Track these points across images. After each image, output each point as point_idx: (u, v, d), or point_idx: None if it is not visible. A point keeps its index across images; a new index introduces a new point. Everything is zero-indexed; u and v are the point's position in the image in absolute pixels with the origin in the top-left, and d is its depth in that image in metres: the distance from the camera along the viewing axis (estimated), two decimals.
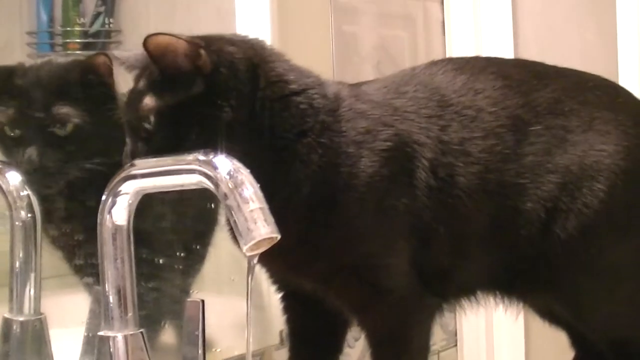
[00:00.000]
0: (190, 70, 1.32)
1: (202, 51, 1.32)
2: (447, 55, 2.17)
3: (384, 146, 1.39)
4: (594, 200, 1.45)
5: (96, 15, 1.76)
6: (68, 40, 1.76)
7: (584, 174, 1.46)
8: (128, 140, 1.37)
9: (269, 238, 1.13)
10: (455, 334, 2.21)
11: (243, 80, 1.34)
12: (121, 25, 1.79)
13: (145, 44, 1.31)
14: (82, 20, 1.80)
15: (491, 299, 1.57)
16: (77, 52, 1.77)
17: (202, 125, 1.32)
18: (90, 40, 1.77)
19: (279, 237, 1.13)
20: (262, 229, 1.13)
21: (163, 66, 1.33)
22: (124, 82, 1.44)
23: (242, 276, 1.82)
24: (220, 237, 1.77)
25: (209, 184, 1.16)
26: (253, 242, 1.13)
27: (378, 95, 1.45)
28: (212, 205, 1.70)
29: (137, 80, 1.38)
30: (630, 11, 1.90)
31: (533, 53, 1.66)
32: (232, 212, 1.14)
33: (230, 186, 1.14)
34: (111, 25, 1.80)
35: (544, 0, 2.14)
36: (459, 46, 2.15)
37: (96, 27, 1.76)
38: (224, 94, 1.32)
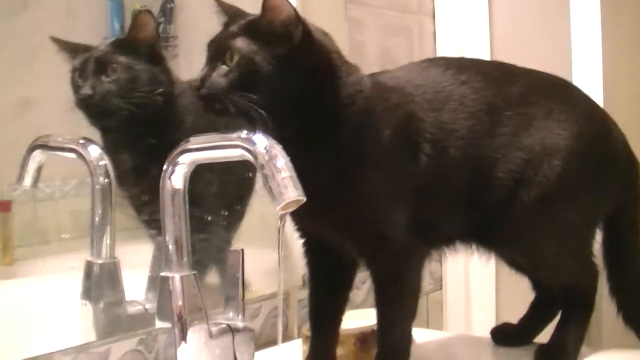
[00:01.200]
0: (283, 33, 1.28)
1: (301, 25, 1.29)
2: None
3: (399, 122, 1.39)
4: (552, 173, 1.44)
5: (157, 25, 1.75)
6: None
7: (545, 152, 1.45)
8: (204, 68, 1.32)
9: (296, 200, 1.13)
10: (441, 280, 2.20)
11: (318, 63, 1.32)
12: (177, 32, 1.77)
13: None
14: None
15: (467, 249, 1.56)
16: None
17: (269, 82, 1.28)
18: None
19: (304, 199, 1.13)
20: (292, 192, 1.13)
21: (267, 19, 1.28)
22: None
23: (269, 231, 1.83)
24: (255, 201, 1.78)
25: (249, 157, 1.16)
26: (284, 203, 1.13)
27: (391, 83, 1.44)
28: (250, 174, 1.70)
29: (228, 23, 1.34)
30: (580, 23, 1.90)
31: (504, 57, 1.64)
32: (268, 179, 1.13)
33: (266, 158, 1.14)
34: (169, 32, 1.78)
35: (514, 17, 2.13)
36: (446, 52, 2.14)
37: None
38: (299, 65, 1.29)
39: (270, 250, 1.35)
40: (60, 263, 1.53)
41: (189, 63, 1.79)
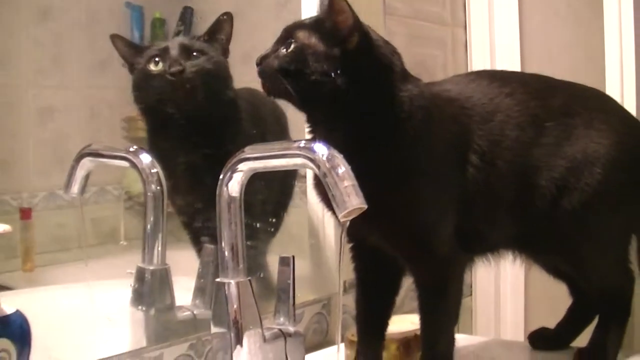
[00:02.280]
0: (340, 36, 1.31)
1: (356, 32, 1.32)
2: (469, 70, 2.18)
3: (453, 134, 1.42)
4: (593, 181, 1.46)
5: (177, 33, 1.76)
6: None
7: (586, 160, 1.47)
8: (270, 48, 1.38)
9: (359, 207, 1.15)
10: (471, 286, 2.21)
11: (374, 72, 1.35)
12: None
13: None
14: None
15: (509, 255, 1.58)
16: None
17: (313, 77, 1.31)
18: None
19: (366, 207, 1.15)
20: (354, 200, 1.14)
21: (329, 19, 1.32)
22: None
23: (292, 238, 1.85)
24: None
25: (311, 165, 1.17)
26: (347, 210, 1.14)
27: (445, 95, 1.46)
28: (293, 182, 1.72)
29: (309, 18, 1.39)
30: (613, 33, 1.91)
31: (536, 68, 1.67)
32: (330, 187, 1.15)
33: (328, 166, 1.15)
34: None
35: (544, 28, 2.14)
36: (478, 62, 2.16)
37: None
38: (351, 70, 1.31)
39: (297, 259, 1.37)
40: (81, 270, 1.52)
41: None
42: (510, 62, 2.12)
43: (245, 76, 1.82)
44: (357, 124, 1.34)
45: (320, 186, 1.30)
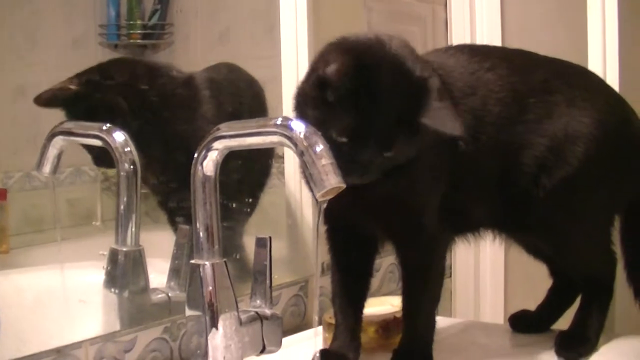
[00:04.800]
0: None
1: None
2: None
3: None
4: (573, 159, 1.44)
5: (153, 12, 1.74)
6: (131, 32, 1.73)
7: (567, 139, 1.45)
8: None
9: (337, 187, 1.12)
10: (450, 267, 2.20)
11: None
12: (173, 20, 1.75)
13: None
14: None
15: (490, 235, 1.56)
16: (138, 41, 1.74)
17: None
18: (148, 31, 1.74)
19: (344, 186, 1.12)
20: (333, 179, 1.11)
21: None
22: None
23: (269, 220, 1.83)
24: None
25: (288, 143, 1.14)
26: (324, 190, 1.11)
27: None
28: (270, 161, 1.69)
29: None
30: (596, 10, 1.89)
31: (516, 46, 1.64)
32: (308, 165, 1.12)
33: (306, 144, 1.12)
34: (165, 19, 1.76)
35: (526, 6, 2.12)
36: (458, 40, 2.13)
37: (153, 21, 1.74)
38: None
39: (274, 240, 1.34)
40: (56, 251, 1.49)
41: (185, 51, 1.78)
42: (490, 40, 2.09)
43: (222, 55, 1.81)
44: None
45: None
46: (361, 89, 1.23)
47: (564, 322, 1.61)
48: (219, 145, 1.23)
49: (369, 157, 1.25)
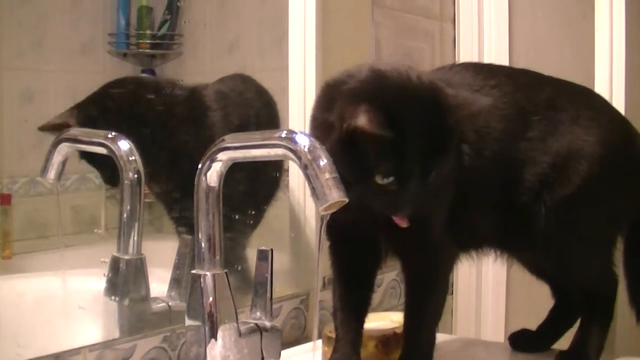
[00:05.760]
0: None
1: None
2: None
3: None
4: (576, 177, 1.44)
5: (163, 22, 1.74)
6: (140, 41, 1.73)
7: (570, 157, 1.45)
8: None
9: (340, 201, 1.12)
10: (452, 285, 2.19)
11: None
12: (183, 30, 1.76)
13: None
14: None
15: (493, 253, 1.56)
16: (147, 50, 1.74)
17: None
18: (157, 41, 1.75)
19: (347, 200, 1.12)
20: (335, 194, 1.11)
21: None
22: None
23: (273, 233, 1.82)
24: None
25: (292, 156, 1.14)
26: (327, 204, 1.11)
27: None
28: (277, 174, 1.69)
29: None
30: (604, 31, 1.89)
31: (524, 65, 1.65)
32: (311, 179, 1.12)
33: (310, 158, 1.13)
34: (175, 30, 1.77)
35: (534, 25, 2.12)
36: (466, 58, 2.14)
37: (163, 31, 1.74)
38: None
39: (277, 252, 1.34)
40: (59, 258, 1.49)
41: (194, 61, 1.78)
42: (498, 58, 2.10)
43: (230, 66, 1.81)
44: None
45: None
46: (395, 131, 1.21)
47: (564, 343, 1.61)
48: (223, 156, 1.23)
49: (415, 190, 1.25)
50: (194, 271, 1.28)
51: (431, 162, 1.25)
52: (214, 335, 1.27)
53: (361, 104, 1.21)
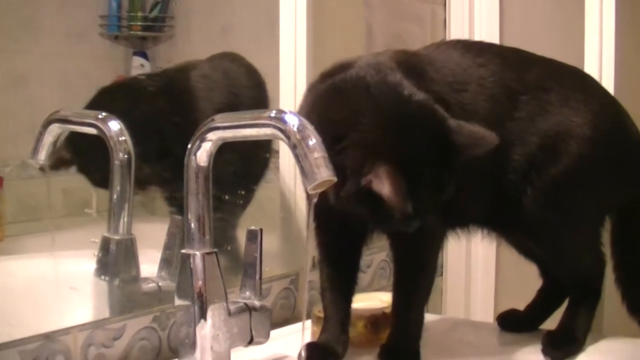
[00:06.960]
0: None
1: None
2: None
3: None
4: (564, 158, 1.44)
5: (155, 4, 1.73)
6: (132, 23, 1.73)
7: (559, 138, 1.45)
8: None
9: (328, 180, 1.12)
10: (442, 266, 2.19)
11: None
12: (174, 13, 1.75)
13: None
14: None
15: (479, 232, 1.56)
16: (139, 33, 1.74)
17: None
18: (149, 23, 1.74)
19: (335, 179, 1.12)
20: (324, 172, 1.11)
21: None
22: None
23: (264, 213, 1.83)
24: None
25: (281, 136, 1.14)
26: (316, 182, 1.12)
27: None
28: (267, 155, 1.69)
29: None
30: (594, 13, 1.90)
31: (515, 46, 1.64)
32: (300, 158, 1.12)
33: (299, 137, 1.13)
34: (167, 12, 1.76)
35: (525, 9, 2.12)
36: None
37: (154, 13, 1.73)
38: None
39: (267, 232, 1.34)
40: (51, 240, 1.51)
41: (186, 44, 1.77)
42: (489, 41, 2.08)
43: (222, 48, 1.81)
44: None
45: None
46: (406, 173, 1.23)
47: (552, 323, 1.61)
48: (212, 136, 1.23)
49: (428, 209, 1.29)
50: (183, 251, 1.28)
51: (440, 181, 1.29)
52: (203, 314, 1.27)
53: (380, 166, 1.22)
